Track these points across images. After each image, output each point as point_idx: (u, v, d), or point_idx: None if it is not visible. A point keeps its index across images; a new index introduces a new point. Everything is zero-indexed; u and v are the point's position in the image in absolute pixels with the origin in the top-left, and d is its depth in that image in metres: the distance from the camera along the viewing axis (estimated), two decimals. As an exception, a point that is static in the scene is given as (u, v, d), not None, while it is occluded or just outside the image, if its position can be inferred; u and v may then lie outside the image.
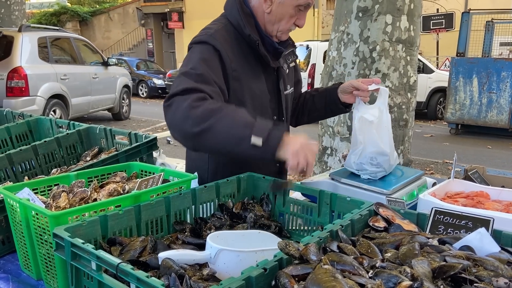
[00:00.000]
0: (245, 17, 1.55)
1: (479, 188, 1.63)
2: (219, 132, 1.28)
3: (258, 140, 1.24)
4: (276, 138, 1.26)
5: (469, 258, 0.89)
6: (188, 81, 1.37)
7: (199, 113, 1.29)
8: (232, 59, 1.51)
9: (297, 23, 1.57)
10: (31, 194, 1.28)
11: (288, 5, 1.52)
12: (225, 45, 1.50)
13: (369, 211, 1.21)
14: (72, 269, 1.00)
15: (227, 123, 1.28)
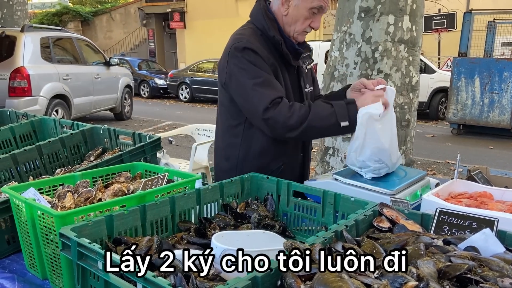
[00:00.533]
0: (269, 21, 1.74)
1: (482, 189, 1.63)
2: (314, 128, 1.62)
3: (345, 123, 1.59)
4: (353, 111, 1.60)
5: (474, 259, 0.90)
6: (264, 92, 1.63)
7: (295, 121, 1.61)
8: (268, 57, 1.70)
9: (312, 25, 1.74)
10: (36, 194, 1.29)
11: (302, 8, 1.70)
12: (259, 46, 1.70)
13: (373, 212, 1.21)
14: (79, 268, 1.00)
15: (317, 121, 1.61)
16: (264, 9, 1.77)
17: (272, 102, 1.61)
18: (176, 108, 13.83)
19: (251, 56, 1.67)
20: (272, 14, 1.77)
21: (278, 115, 1.61)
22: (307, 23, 1.73)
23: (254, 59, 1.67)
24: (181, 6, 21.04)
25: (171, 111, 13.08)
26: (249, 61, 1.67)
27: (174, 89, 15.86)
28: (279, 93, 1.65)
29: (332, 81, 4.32)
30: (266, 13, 1.76)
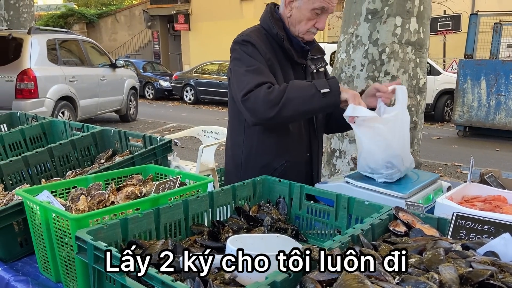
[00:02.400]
0: (274, 21, 1.79)
1: (496, 192, 1.62)
2: (294, 99, 1.60)
3: (325, 89, 1.59)
4: (335, 83, 1.62)
5: (495, 264, 0.88)
6: (254, 76, 1.66)
7: (274, 96, 1.61)
8: (266, 52, 1.74)
9: (316, 26, 1.76)
10: (50, 197, 1.29)
11: (305, 9, 1.72)
12: (259, 41, 1.74)
13: (388, 216, 1.20)
14: (95, 272, 1.00)
15: (296, 92, 1.61)
16: (270, 11, 1.83)
17: (257, 85, 1.64)
18: (181, 110, 13.85)
19: (248, 47, 1.73)
20: (279, 15, 1.82)
21: (258, 93, 1.62)
22: (310, 24, 1.75)
23: (250, 50, 1.72)
24: (185, 8, 21.09)
25: (176, 112, 13.10)
26: (244, 51, 1.73)
27: (179, 90, 15.89)
28: (269, 80, 1.67)
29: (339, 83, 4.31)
30: (272, 14, 1.81)
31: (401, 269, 0.86)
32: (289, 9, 1.78)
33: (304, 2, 1.72)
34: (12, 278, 1.26)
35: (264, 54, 1.74)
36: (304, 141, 1.90)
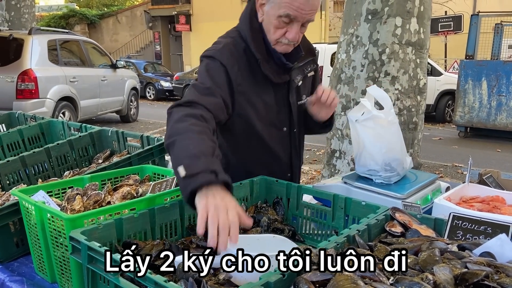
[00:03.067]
0: (252, 33, 1.57)
1: (494, 193, 1.61)
2: (175, 149, 1.24)
3: (183, 172, 1.13)
4: (198, 182, 1.09)
5: (490, 265, 0.88)
6: (194, 93, 1.46)
7: (178, 127, 1.30)
8: (237, 74, 1.55)
9: (286, 36, 1.51)
10: (46, 197, 1.28)
11: (272, 15, 1.50)
12: (231, 60, 1.54)
13: (385, 216, 1.20)
14: (89, 272, 1.00)
15: (183, 144, 1.23)
16: (250, 16, 1.60)
17: (188, 102, 1.40)
18: (182, 111, 13.82)
19: (214, 64, 1.53)
20: (259, 22, 1.59)
21: (175, 114, 1.36)
22: (279, 33, 1.51)
23: (214, 68, 1.53)
24: (187, 9, 21.11)
25: (177, 113, 13.08)
26: (207, 68, 1.54)
27: (180, 91, 15.90)
28: (209, 103, 1.42)
29: (339, 83, 4.31)
30: (252, 21, 1.59)
31: (401, 269, 0.86)
32: (261, 13, 1.56)
33: (271, 7, 1.50)
34: (7, 278, 1.26)
35: (234, 78, 1.54)
36: (284, 160, 1.75)
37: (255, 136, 1.65)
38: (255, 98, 1.61)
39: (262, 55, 1.57)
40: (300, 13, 1.45)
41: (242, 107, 1.59)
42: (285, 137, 1.73)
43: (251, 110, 1.61)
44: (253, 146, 1.68)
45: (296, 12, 1.45)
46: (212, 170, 1.13)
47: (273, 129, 1.68)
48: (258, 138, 1.67)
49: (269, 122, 1.67)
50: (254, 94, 1.60)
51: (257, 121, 1.63)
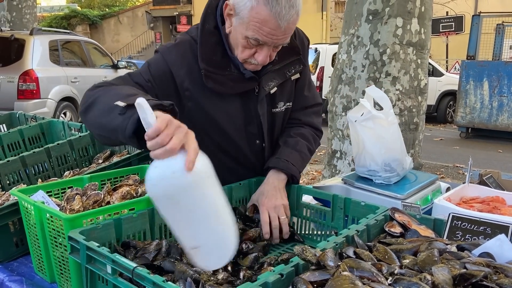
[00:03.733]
0: (202, 36, 1.37)
1: (494, 193, 1.61)
2: (98, 105, 1.14)
3: (121, 103, 1.03)
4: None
5: (490, 265, 0.88)
6: (124, 81, 1.34)
7: (91, 93, 1.21)
8: (184, 78, 1.38)
9: (256, 57, 1.32)
10: (45, 197, 1.29)
11: (238, 32, 1.29)
12: (180, 61, 1.38)
13: (384, 216, 1.19)
14: (87, 272, 1.00)
15: (109, 95, 1.13)
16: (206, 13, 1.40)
17: (106, 83, 1.30)
18: (183, 111, 13.83)
19: (158, 64, 1.38)
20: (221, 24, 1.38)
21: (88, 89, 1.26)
22: (247, 53, 1.31)
23: (155, 64, 1.39)
24: (188, 9, 21.13)
25: (178, 113, 13.09)
26: (149, 62, 1.41)
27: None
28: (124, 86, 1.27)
29: (340, 84, 4.31)
30: (205, 20, 1.38)
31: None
32: (229, 24, 1.33)
33: (239, 23, 1.27)
34: (6, 278, 1.26)
35: (180, 82, 1.37)
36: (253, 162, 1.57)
37: (220, 150, 1.49)
38: (211, 107, 1.42)
39: (212, 63, 1.36)
40: (271, 38, 1.26)
41: (194, 115, 1.42)
42: (259, 150, 1.55)
43: (204, 120, 1.44)
44: (223, 161, 1.51)
45: (265, 37, 1.25)
46: (152, 99, 1.06)
47: (243, 143, 1.50)
48: (225, 152, 1.51)
49: (236, 136, 1.49)
50: (209, 103, 1.41)
51: (216, 132, 1.47)
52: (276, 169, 1.47)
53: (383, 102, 1.61)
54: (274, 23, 1.22)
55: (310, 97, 1.65)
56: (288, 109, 1.58)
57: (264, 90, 1.45)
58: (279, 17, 1.21)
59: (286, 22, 1.22)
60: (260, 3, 1.21)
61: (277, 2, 1.20)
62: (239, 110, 1.46)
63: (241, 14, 1.25)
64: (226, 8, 1.31)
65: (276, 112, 1.54)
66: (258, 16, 1.22)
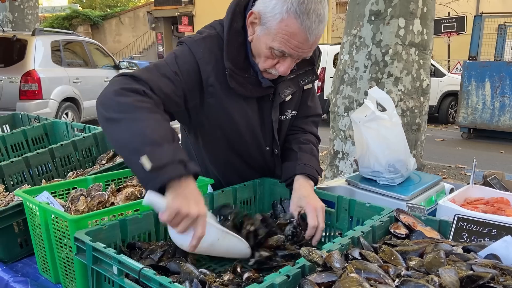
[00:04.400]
0: (230, 35, 1.36)
1: (499, 194, 1.61)
2: (124, 131, 1.11)
3: (148, 163, 1.04)
4: (168, 175, 1.04)
5: (496, 267, 0.87)
6: (152, 73, 1.27)
7: (121, 102, 1.14)
8: (211, 74, 1.36)
9: (277, 68, 1.33)
10: (50, 198, 1.29)
11: (263, 42, 1.29)
12: (208, 56, 1.36)
13: (389, 218, 1.19)
14: (93, 273, 1.00)
15: (136, 128, 1.10)
16: (233, 12, 1.37)
17: (134, 77, 1.22)
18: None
19: (185, 55, 1.35)
20: (246, 26, 1.36)
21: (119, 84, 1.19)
22: (269, 63, 1.32)
23: (182, 56, 1.35)
24: (189, 10, 21.15)
25: (179, 114, 13.09)
26: (177, 54, 1.36)
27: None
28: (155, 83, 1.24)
29: (342, 84, 4.31)
30: (233, 19, 1.36)
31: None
32: (251, 31, 1.33)
33: (264, 33, 1.28)
34: (11, 279, 1.26)
35: (206, 77, 1.36)
36: (262, 166, 1.58)
37: (231, 149, 1.48)
38: (231, 106, 1.41)
39: (235, 64, 1.36)
40: (297, 51, 1.27)
41: (215, 112, 1.42)
42: (268, 155, 1.56)
43: (223, 118, 1.43)
44: (232, 161, 1.53)
45: (292, 50, 1.26)
46: (180, 160, 1.07)
47: (254, 145, 1.50)
48: (235, 152, 1.51)
49: (250, 138, 1.49)
50: (230, 102, 1.41)
51: (232, 132, 1.46)
52: (304, 175, 1.46)
53: (386, 103, 1.61)
54: (303, 36, 1.23)
55: (313, 108, 1.65)
56: (293, 117, 1.59)
57: (279, 97, 1.46)
58: (309, 32, 1.22)
59: (314, 36, 1.24)
60: (291, 16, 1.21)
61: (308, 16, 1.21)
62: (255, 114, 1.46)
63: (268, 24, 1.26)
64: (251, 16, 1.31)
65: (283, 119, 1.54)
66: (288, 28, 1.22)
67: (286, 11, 1.21)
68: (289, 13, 1.21)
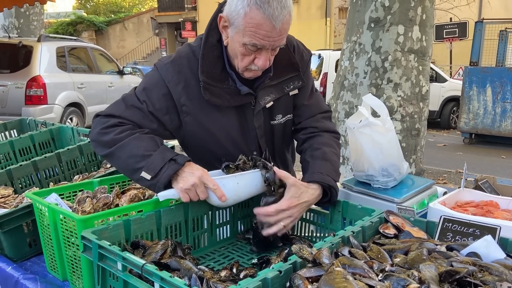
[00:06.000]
0: (204, 50, 1.42)
1: (488, 198, 1.66)
2: (119, 159, 1.36)
3: (147, 175, 1.28)
4: (166, 175, 1.27)
5: (475, 264, 0.93)
6: (120, 107, 1.43)
7: (106, 140, 1.37)
8: (181, 93, 1.43)
9: (256, 63, 1.37)
10: (58, 199, 1.36)
11: (236, 41, 1.35)
12: (177, 78, 1.43)
13: (379, 219, 1.25)
14: (99, 269, 1.06)
15: (125, 153, 1.33)
16: (210, 26, 1.45)
17: (109, 115, 1.41)
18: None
19: (154, 81, 1.45)
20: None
21: (99, 125, 1.40)
22: (247, 60, 1.37)
23: (152, 82, 1.45)
24: (193, 15, 21.32)
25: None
26: (146, 80, 1.48)
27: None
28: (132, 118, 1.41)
29: (342, 90, 4.37)
30: (208, 34, 1.44)
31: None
32: (225, 35, 1.39)
33: (235, 32, 1.34)
34: (21, 276, 1.33)
35: (178, 98, 1.42)
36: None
37: (218, 161, 1.48)
38: (207, 120, 1.47)
39: (211, 76, 1.42)
40: (268, 41, 1.31)
41: (192, 129, 1.49)
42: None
43: (202, 132, 1.49)
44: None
45: (263, 41, 1.30)
46: (170, 159, 1.30)
47: (238, 153, 1.48)
48: (221, 162, 1.48)
49: (231, 147, 1.52)
50: (205, 116, 1.46)
51: (214, 145, 1.52)
52: (312, 182, 1.41)
53: (380, 110, 1.67)
54: (269, 25, 1.28)
55: (315, 105, 1.63)
56: (289, 120, 1.60)
57: (259, 104, 1.49)
58: (273, 18, 1.27)
59: (280, 22, 1.28)
60: (253, 8, 1.27)
61: (269, 4, 1.26)
62: (234, 122, 1.51)
63: (236, 23, 1.32)
64: (221, 20, 1.38)
65: (274, 124, 1.57)
66: (253, 21, 1.28)
67: (247, 5, 1.27)
68: (250, 6, 1.27)
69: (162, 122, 1.45)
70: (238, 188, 1.33)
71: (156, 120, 1.44)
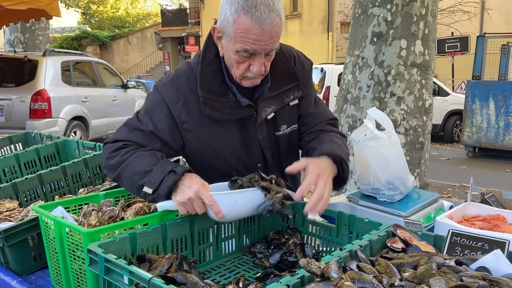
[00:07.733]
0: (202, 65, 1.45)
1: (495, 212, 1.65)
2: (125, 180, 1.40)
3: (148, 190, 1.31)
4: (165, 187, 1.29)
5: (485, 279, 0.92)
6: (123, 132, 1.48)
7: (113, 164, 1.41)
8: (182, 111, 1.45)
9: (251, 69, 1.38)
10: (64, 212, 1.35)
11: (229, 50, 1.36)
12: (176, 96, 1.45)
13: (387, 232, 1.24)
14: (105, 283, 1.06)
15: (129, 172, 1.37)
16: (207, 42, 1.48)
17: (115, 141, 1.45)
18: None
19: (154, 101, 1.48)
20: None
21: (106, 151, 1.45)
22: (242, 68, 1.38)
23: (153, 104, 1.48)
24: (196, 30, 21.55)
25: (186, 132, 13.19)
26: (147, 102, 1.51)
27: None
28: (136, 139, 1.44)
29: (345, 103, 4.39)
30: (206, 50, 1.47)
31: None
32: (220, 46, 1.42)
33: (228, 41, 1.35)
34: (26, 290, 1.32)
35: (178, 116, 1.45)
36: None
37: (221, 176, 1.45)
38: (208, 135, 1.48)
39: (210, 91, 1.43)
40: (259, 45, 1.31)
41: (194, 145, 1.51)
42: (264, 172, 1.49)
43: (205, 147, 1.50)
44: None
45: (254, 45, 1.31)
46: (169, 171, 1.31)
47: (243, 167, 1.52)
48: (226, 179, 1.45)
49: (235, 161, 1.53)
50: (206, 131, 1.48)
51: (217, 160, 1.53)
52: (322, 156, 1.43)
53: (385, 123, 1.68)
54: (258, 28, 1.28)
55: (321, 114, 1.64)
56: (294, 131, 1.61)
57: (261, 116, 1.50)
58: (261, 22, 1.27)
59: (269, 25, 1.29)
60: (240, 14, 1.28)
61: (256, 8, 1.27)
62: (236, 136, 1.51)
63: (227, 31, 1.34)
64: (215, 32, 1.41)
65: (279, 135, 1.58)
66: (241, 26, 1.29)
67: (235, 11, 1.29)
68: (238, 11, 1.29)
69: (166, 141, 1.48)
70: (236, 205, 1.29)
71: (160, 140, 1.47)
